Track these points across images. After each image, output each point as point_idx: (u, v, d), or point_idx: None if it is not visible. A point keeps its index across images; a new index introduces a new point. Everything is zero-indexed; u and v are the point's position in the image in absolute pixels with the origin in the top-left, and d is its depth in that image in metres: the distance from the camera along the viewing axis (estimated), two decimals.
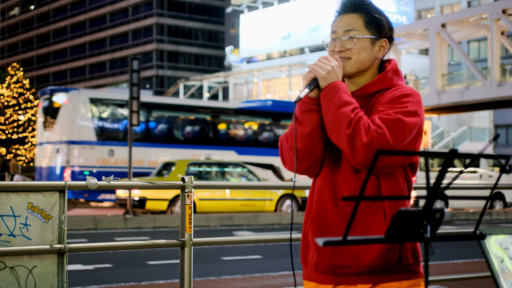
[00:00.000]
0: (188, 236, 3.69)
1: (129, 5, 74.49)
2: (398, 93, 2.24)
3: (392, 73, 2.33)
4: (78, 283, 7.53)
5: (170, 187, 3.86)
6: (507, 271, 2.37)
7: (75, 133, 20.06)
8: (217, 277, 8.18)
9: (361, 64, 2.31)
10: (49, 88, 21.92)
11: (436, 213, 1.73)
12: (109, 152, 20.18)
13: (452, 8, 46.74)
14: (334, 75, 2.21)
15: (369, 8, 2.34)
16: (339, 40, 2.32)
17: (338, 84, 2.20)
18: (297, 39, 47.35)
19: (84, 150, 20.01)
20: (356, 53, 2.30)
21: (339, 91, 2.18)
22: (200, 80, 44.84)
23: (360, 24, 2.31)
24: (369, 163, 2.11)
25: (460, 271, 8.26)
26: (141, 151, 20.53)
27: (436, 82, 29.55)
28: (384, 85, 2.30)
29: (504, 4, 27.25)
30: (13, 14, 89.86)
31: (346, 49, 2.30)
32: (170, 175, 17.15)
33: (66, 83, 77.80)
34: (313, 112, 2.23)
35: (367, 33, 2.31)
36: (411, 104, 2.20)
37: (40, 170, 21.30)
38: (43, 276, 3.24)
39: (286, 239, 4.64)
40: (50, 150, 20.83)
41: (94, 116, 20.51)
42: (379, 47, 2.33)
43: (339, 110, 2.15)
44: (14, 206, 3.18)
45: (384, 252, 2.20)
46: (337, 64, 2.24)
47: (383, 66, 2.38)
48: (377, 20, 2.33)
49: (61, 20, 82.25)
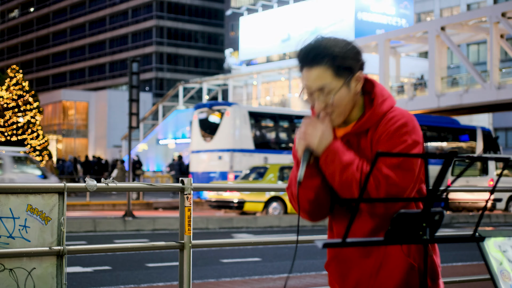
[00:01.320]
0: (187, 238, 3.69)
1: (128, 7, 74.53)
2: (393, 128, 2.19)
3: (381, 103, 2.26)
4: (77, 285, 7.53)
5: (169, 189, 3.86)
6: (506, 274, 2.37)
7: (237, 142, 22.66)
8: (216, 279, 8.17)
9: (345, 112, 2.26)
10: (208, 102, 25.13)
11: (435, 215, 1.73)
12: (264, 159, 22.56)
13: (452, 11, 46.78)
14: (325, 139, 2.19)
15: (332, 56, 2.21)
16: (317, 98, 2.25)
17: (333, 148, 2.18)
18: (296, 41, 47.17)
19: (245, 157, 22.45)
20: (337, 105, 2.23)
21: (338, 154, 2.17)
22: (200, 83, 44.84)
23: (330, 76, 2.21)
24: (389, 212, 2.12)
25: (459, 273, 8.26)
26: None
27: (436, 85, 29.56)
28: (376, 118, 2.25)
29: (504, 7, 27.30)
30: (12, 16, 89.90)
31: (326, 105, 2.24)
32: (264, 178, 18.37)
33: (66, 85, 77.82)
34: (313, 177, 2.24)
35: (340, 81, 2.22)
36: (409, 135, 2.18)
37: (197, 175, 23.44)
38: (42, 278, 3.23)
39: (286, 242, 4.63)
40: (209, 157, 23.37)
41: (252, 127, 23.21)
42: (355, 83, 2.25)
43: (344, 174, 2.16)
44: (13, 208, 3.17)
45: (406, 282, 2.23)
46: (325, 126, 2.21)
47: (364, 88, 2.32)
48: (345, 65, 2.22)
49: (60, 22, 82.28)
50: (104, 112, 58.16)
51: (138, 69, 15.72)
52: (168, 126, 44.43)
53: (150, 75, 71.59)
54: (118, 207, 22.07)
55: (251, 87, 45.96)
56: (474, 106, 29.56)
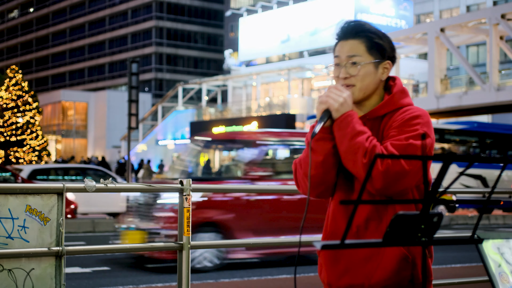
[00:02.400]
0: (186, 239, 3.69)
1: (128, 8, 74.52)
2: (408, 116, 2.28)
3: (400, 94, 2.37)
4: (76, 286, 7.52)
5: (169, 190, 3.86)
6: (505, 276, 2.38)
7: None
8: (215, 280, 8.17)
9: (366, 90, 2.35)
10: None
11: (434, 217, 1.73)
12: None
13: (451, 13, 46.80)
14: (346, 106, 2.26)
15: (370, 33, 2.36)
16: (343, 67, 2.35)
17: (350, 114, 2.26)
18: (296, 42, 47.35)
19: None
20: (360, 79, 2.34)
21: (352, 121, 2.24)
22: (199, 84, 44.83)
23: (362, 50, 2.34)
24: (387, 189, 2.17)
25: (457, 275, 8.26)
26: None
27: (435, 86, 29.57)
28: (393, 107, 2.35)
29: (503, 9, 27.29)
30: (12, 16, 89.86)
31: (351, 76, 2.34)
32: None
33: (65, 86, 77.79)
34: (325, 141, 2.28)
35: (370, 58, 2.34)
36: (421, 126, 2.24)
37: None
38: (41, 279, 3.23)
39: (285, 243, 4.64)
40: None
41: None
42: (382, 70, 2.37)
43: (353, 140, 2.20)
44: (12, 208, 3.17)
45: (397, 271, 2.24)
46: (349, 94, 2.28)
47: (388, 84, 2.42)
48: (379, 45, 2.36)
49: (60, 23, 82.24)
50: (103, 113, 58.16)
51: (138, 69, 15.72)
52: (167, 126, 44.44)
53: (150, 75, 71.57)
54: None
55: (250, 88, 45.94)
56: (473, 108, 29.55)
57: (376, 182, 2.16)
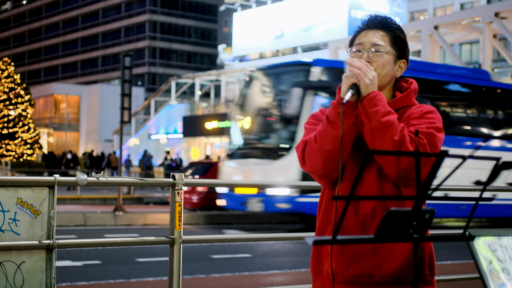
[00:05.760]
0: (177, 234, 3.69)
1: (122, 1, 74.30)
2: (425, 110, 2.33)
3: (414, 93, 2.43)
4: (67, 279, 7.51)
5: (160, 184, 3.85)
6: (496, 273, 2.38)
7: None
8: (206, 275, 8.18)
9: (383, 79, 2.37)
10: None
11: (426, 213, 1.73)
12: None
13: (445, 11, 46.89)
14: (374, 85, 2.27)
15: (396, 28, 2.44)
16: (366, 52, 2.37)
17: (379, 93, 2.27)
18: (290, 38, 47.33)
19: None
20: (381, 66, 2.36)
21: (383, 100, 2.25)
22: (192, 78, 44.75)
23: (387, 41, 2.40)
24: (410, 172, 2.17)
25: (448, 272, 8.29)
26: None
27: None
28: (407, 103, 2.39)
29: (497, 7, 27.36)
30: (5, 8, 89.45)
31: (372, 61, 2.36)
32: None
33: (58, 79, 77.55)
34: (348, 116, 2.26)
35: (393, 50, 2.40)
36: (438, 121, 2.30)
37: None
38: (32, 272, 3.22)
39: (276, 238, 4.64)
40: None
41: None
42: (398, 67, 2.42)
43: (385, 117, 2.20)
44: (3, 201, 3.16)
45: (406, 262, 2.24)
46: (375, 75, 2.29)
47: (399, 84, 2.46)
48: (402, 41, 2.44)
49: (53, 16, 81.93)
50: (96, 106, 58.02)
51: (131, 63, 15.67)
52: (160, 121, 44.35)
53: (143, 69, 71.41)
54: (108, 202, 22.03)
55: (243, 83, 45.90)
56: None
57: (402, 161, 2.16)
